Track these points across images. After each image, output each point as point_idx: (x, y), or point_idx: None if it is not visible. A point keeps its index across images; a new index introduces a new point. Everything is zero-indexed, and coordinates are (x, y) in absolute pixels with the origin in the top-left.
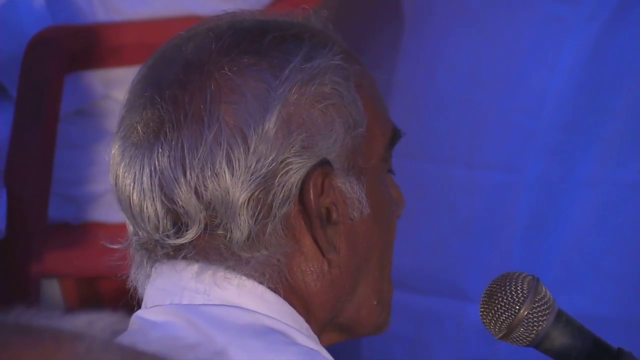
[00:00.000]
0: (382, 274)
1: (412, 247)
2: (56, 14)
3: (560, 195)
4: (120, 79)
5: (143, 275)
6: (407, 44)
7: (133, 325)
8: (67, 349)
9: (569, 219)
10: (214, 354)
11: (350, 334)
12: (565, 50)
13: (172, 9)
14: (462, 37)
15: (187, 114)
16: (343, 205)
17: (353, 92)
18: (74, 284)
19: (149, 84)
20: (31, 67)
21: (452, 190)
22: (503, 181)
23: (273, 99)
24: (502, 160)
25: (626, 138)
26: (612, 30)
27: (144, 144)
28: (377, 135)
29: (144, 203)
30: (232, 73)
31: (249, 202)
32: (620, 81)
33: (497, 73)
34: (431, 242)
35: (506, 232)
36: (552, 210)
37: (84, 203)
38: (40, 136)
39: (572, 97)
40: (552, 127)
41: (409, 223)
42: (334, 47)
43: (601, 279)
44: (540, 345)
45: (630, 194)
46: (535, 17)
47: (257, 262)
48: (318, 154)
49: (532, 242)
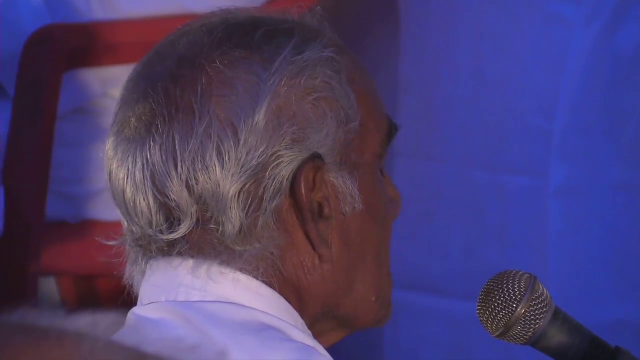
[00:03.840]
0: (380, 271)
1: (444, 252)
2: (54, 13)
3: (590, 200)
4: (118, 77)
5: (138, 272)
6: (406, 43)
7: (129, 322)
8: (70, 350)
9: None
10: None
11: (349, 328)
12: (570, 51)
13: (169, 8)
14: (462, 36)
15: (178, 107)
16: (335, 200)
17: (345, 85)
18: (72, 281)
19: (142, 78)
20: (29, 65)
21: (476, 194)
22: (530, 186)
23: (263, 91)
24: (524, 163)
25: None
26: (614, 29)
27: (136, 138)
28: (371, 131)
29: (137, 197)
30: (224, 66)
31: (239, 195)
32: (629, 80)
33: (501, 73)
34: (463, 247)
35: (539, 237)
36: (585, 214)
37: (81, 201)
38: (38, 134)
39: (583, 98)
40: (569, 130)
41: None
42: (325, 40)
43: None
44: (537, 343)
45: None
46: (536, 17)
47: (251, 256)
48: (309, 148)
49: (568, 247)
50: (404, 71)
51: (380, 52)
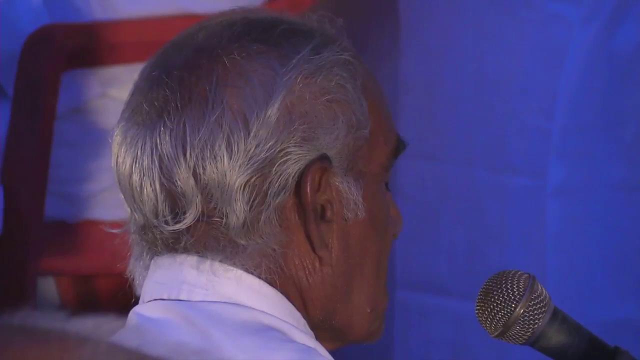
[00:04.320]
0: (377, 283)
1: (448, 251)
2: (53, 12)
3: (589, 199)
4: (117, 77)
5: (141, 267)
6: (407, 43)
7: (131, 322)
8: (72, 352)
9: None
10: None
11: (343, 339)
12: (569, 51)
13: (169, 8)
14: (462, 36)
15: (192, 95)
16: (338, 204)
17: (359, 91)
18: (71, 282)
19: (157, 66)
20: (28, 65)
21: (478, 193)
22: (530, 186)
23: (278, 85)
24: (524, 163)
25: None
26: (612, 29)
27: (147, 122)
28: (379, 143)
29: (144, 183)
30: (241, 58)
31: (244, 187)
32: (628, 79)
33: (502, 73)
34: (466, 247)
35: (538, 237)
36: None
37: (80, 201)
38: (37, 134)
39: (582, 97)
40: (568, 129)
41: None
42: (343, 45)
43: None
44: (536, 343)
45: None
46: (536, 16)
47: (254, 251)
48: (318, 148)
49: (566, 247)
50: (405, 71)
51: (382, 52)
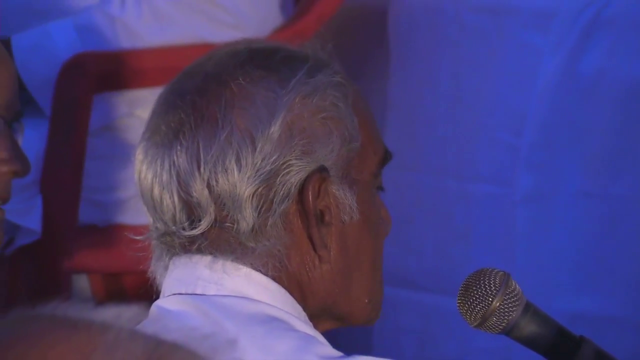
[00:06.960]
0: (373, 277)
1: (417, 250)
2: (86, 42)
3: (555, 206)
4: (142, 99)
5: (162, 267)
6: (394, 68)
7: (152, 314)
8: (97, 338)
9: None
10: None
11: (344, 323)
12: (539, 75)
13: (187, 37)
14: (443, 63)
15: (203, 116)
16: (336, 209)
17: (350, 109)
18: (101, 278)
19: (172, 92)
20: (63, 88)
21: (448, 200)
22: (495, 193)
23: (279, 106)
24: (491, 174)
25: (607, 156)
26: (578, 56)
27: (165, 142)
28: (369, 154)
29: (164, 195)
30: (246, 83)
31: (253, 197)
32: (591, 100)
33: (476, 95)
34: (434, 247)
35: (506, 237)
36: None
37: (109, 207)
38: (72, 149)
39: (550, 116)
40: (535, 144)
41: (412, 228)
42: (335, 68)
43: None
44: (510, 333)
45: (625, 207)
46: (509, 45)
47: (261, 252)
48: (317, 160)
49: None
50: (391, 93)
51: (374, 76)
